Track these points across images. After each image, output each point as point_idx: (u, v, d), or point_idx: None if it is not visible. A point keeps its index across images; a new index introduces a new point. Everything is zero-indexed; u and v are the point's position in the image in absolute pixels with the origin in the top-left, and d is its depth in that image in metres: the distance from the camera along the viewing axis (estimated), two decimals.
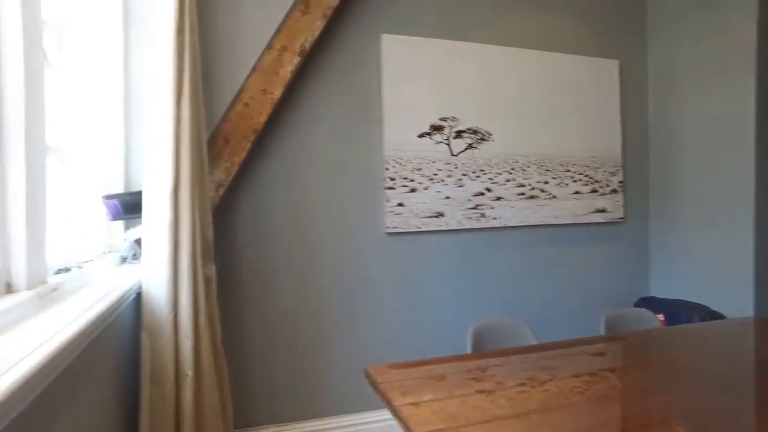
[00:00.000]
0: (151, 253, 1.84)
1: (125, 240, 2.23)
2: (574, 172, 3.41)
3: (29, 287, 1.31)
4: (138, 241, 2.21)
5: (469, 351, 2.21)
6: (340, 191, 2.89)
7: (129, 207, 2.22)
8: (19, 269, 1.29)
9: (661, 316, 3.05)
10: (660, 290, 3.56)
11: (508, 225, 3.24)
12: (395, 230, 3.01)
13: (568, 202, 3.38)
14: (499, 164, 3.23)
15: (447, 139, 3.12)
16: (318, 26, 2.63)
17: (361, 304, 2.93)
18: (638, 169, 3.63)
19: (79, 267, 1.74)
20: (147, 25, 1.90)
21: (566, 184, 3.39)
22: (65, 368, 1.12)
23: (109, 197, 2.21)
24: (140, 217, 2.26)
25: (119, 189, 2.34)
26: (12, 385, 0.81)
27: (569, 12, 3.44)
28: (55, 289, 1.43)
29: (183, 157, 1.83)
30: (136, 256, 2.22)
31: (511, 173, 3.26)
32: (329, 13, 2.66)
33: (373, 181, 2.97)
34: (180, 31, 1.85)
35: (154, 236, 1.83)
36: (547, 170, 3.35)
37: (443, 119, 3.12)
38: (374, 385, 1.82)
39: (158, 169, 1.82)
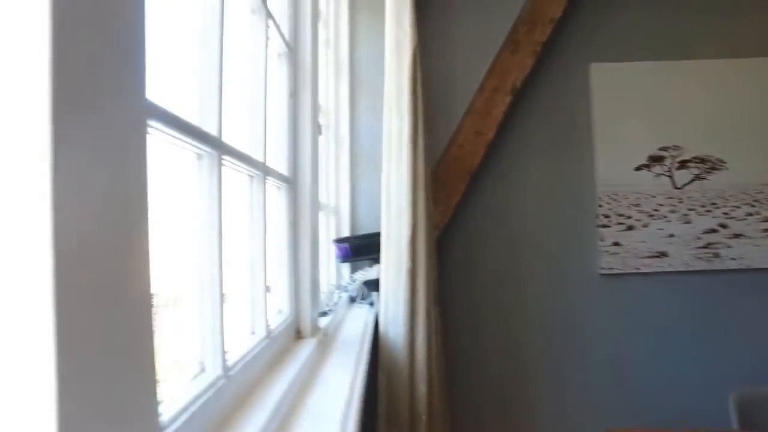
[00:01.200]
0: (390, 298, 1.92)
1: (354, 281, 2.39)
2: None
3: (312, 333, 1.44)
4: (366, 283, 2.34)
5: (734, 425, 1.87)
6: (550, 229, 2.76)
7: (357, 250, 2.39)
8: (305, 317, 1.43)
9: None
10: None
11: (751, 267, 2.75)
12: (611, 271, 2.75)
13: None
14: (736, 196, 2.78)
15: (669, 171, 2.80)
16: (528, 64, 2.58)
17: (575, 351, 2.72)
18: None
19: (331, 310, 1.90)
20: (383, 82, 2.04)
21: None
22: None
23: (340, 240, 2.40)
24: (366, 259, 2.42)
25: (346, 233, 2.53)
26: None
27: None
28: (326, 334, 1.55)
29: (419, 206, 1.90)
30: (363, 297, 2.35)
31: (753, 206, 2.78)
32: (539, 49, 2.60)
33: (584, 219, 2.77)
34: (413, 91, 1.95)
35: (393, 283, 1.91)
36: None
37: (663, 149, 2.80)
38: None
39: (396, 219, 1.91)
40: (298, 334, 1.42)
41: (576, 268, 2.77)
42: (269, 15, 1.17)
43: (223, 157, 0.86)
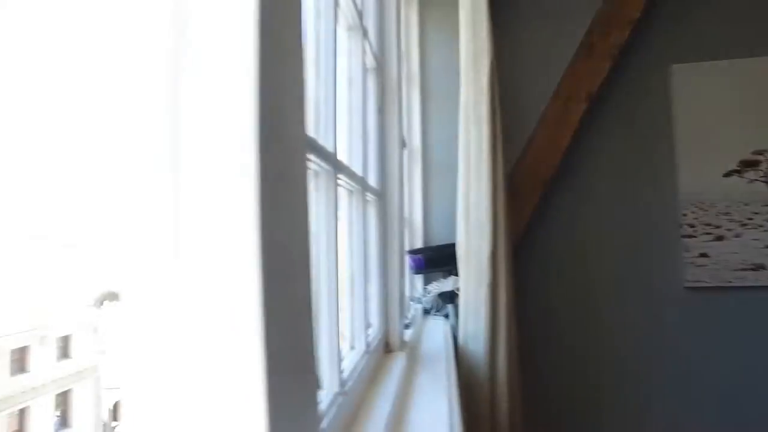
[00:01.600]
0: (470, 313, 1.88)
1: (428, 293, 2.37)
2: None
3: (400, 347, 1.43)
4: (440, 295, 2.32)
5: None
6: (629, 240, 2.62)
7: (431, 261, 2.37)
8: (394, 331, 1.42)
9: None
10: None
11: None
12: (698, 284, 2.58)
13: None
14: None
15: (765, 176, 2.60)
16: (604, 68, 2.49)
17: (657, 370, 2.56)
18: None
19: (410, 322, 1.88)
20: (455, 93, 2.02)
21: None
22: None
23: (413, 252, 2.39)
24: (439, 270, 2.39)
25: (419, 244, 2.52)
26: None
27: None
28: (412, 348, 1.54)
29: (500, 218, 1.86)
30: (438, 309, 2.33)
31: None
32: (615, 52, 2.50)
33: (667, 229, 2.62)
34: (492, 102, 1.92)
35: (474, 297, 1.87)
36: None
37: (758, 152, 2.61)
38: None
39: (476, 231, 1.88)
40: (387, 348, 1.41)
41: (658, 281, 2.62)
42: (365, 33, 1.19)
43: (338, 174, 0.86)
